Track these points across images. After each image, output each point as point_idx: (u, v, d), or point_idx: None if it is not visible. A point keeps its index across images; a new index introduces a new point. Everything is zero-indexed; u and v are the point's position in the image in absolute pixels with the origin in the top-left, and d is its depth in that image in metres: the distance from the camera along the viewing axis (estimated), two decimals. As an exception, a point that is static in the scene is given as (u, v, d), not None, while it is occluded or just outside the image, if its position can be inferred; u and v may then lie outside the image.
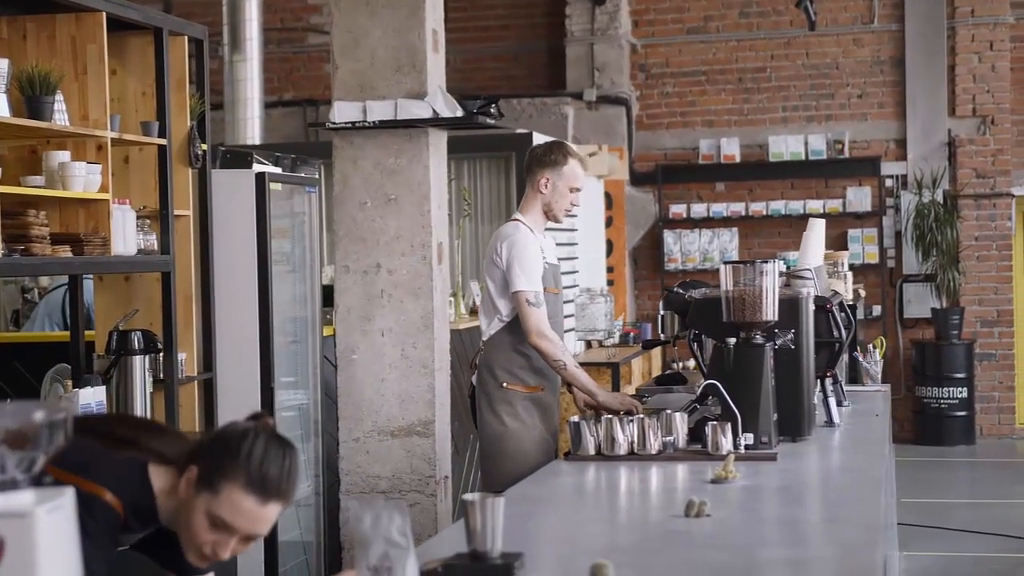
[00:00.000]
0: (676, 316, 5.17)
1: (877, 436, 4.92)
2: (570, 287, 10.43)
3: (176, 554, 2.88)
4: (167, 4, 13.37)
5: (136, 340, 5.64)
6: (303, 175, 7.23)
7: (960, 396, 12.44)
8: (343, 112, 5.62)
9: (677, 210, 13.12)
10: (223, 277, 6.34)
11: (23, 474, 1.80)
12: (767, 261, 4.52)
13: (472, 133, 8.67)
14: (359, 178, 5.66)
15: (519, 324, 5.33)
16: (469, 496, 2.77)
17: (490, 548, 2.77)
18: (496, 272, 5.31)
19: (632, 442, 4.32)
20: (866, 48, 13.01)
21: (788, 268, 5.60)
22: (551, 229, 5.73)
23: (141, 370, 5.62)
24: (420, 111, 5.57)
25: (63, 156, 5.21)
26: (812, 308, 4.81)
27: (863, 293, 9.71)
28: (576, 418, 4.44)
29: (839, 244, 12.47)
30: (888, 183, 12.94)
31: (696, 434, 4.40)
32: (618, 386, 9.03)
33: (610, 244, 12.58)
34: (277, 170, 6.92)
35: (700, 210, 13.06)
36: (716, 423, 4.30)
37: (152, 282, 5.91)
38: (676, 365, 10.50)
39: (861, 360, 6.57)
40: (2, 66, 4.92)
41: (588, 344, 10.51)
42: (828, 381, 5.17)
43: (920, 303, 12.79)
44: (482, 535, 2.76)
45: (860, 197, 12.82)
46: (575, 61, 13.25)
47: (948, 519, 9.27)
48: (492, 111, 5.81)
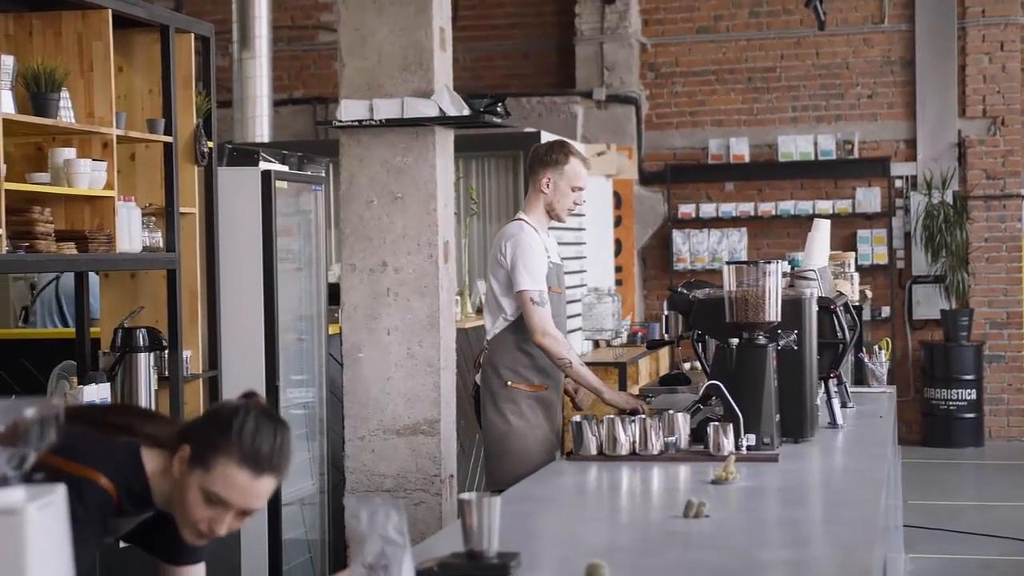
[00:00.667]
0: (680, 316, 5.16)
1: (880, 437, 4.91)
2: (578, 287, 10.43)
3: (168, 541, 2.91)
4: (177, 2, 13.40)
5: (141, 337, 5.65)
6: (309, 173, 7.24)
7: (969, 398, 12.41)
8: (350, 110, 5.63)
9: (686, 210, 13.11)
10: (229, 275, 6.35)
11: (14, 471, 1.80)
12: (770, 262, 4.51)
13: (480, 132, 8.67)
14: (366, 176, 5.66)
15: (523, 323, 5.34)
16: (466, 495, 2.78)
17: (486, 547, 2.77)
18: (500, 271, 5.33)
19: (634, 442, 4.32)
20: (876, 48, 12.99)
21: (793, 268, 5.58)
22: (555, 228, 5.74)
23: (146, 367, 5.63)
24: (427, 110, 5.57)
25: (68, 153, 5.22)
26: (815, 309, 4.80)
27: (869, 294, 9.68)
28: (578, 418, 4.44)
29: (848, 245, 12.45)
30: (898, 184, 12.92)
31: (699, 435, 4.40)
32: (625, 386, 9.03)
33: (619, 243, 12.58)
34: (284, 168, 6.93)
35: (709, 210, 13.05)
36: (718, 424, 4.29)
37: (158, 279, 5.92)
38: (685, 365, 10.50)
39: (866, 361, 6.56)
40: (8, 63, 4.93)
41: (596, 344, 10.51)
42: (832, 382, 5.16)
43: (929, 304, 12.77)
44: (479, 534, 2.76)
45: (869, 198, 12.80)
46: (585, 60, 13.25)
47: (955, 521, 9.25)
48: (499, 110, 5.81)
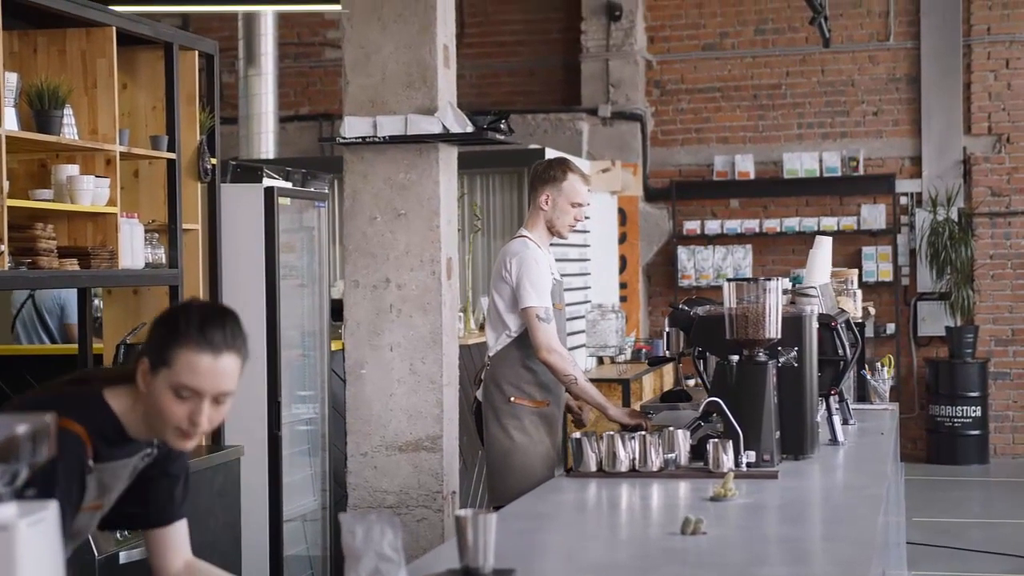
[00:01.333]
0: (681, 333, 5.16)
1: (881, 454, 4.91)
2: (582, 303, 10.44)
3: (147, 509, 2.98)
4: (184, 19, 13.44)
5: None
6: (313, 190, 7.26)
7: (974, 415, 12.40)
8: (354, 127, 5.64)
9: (691, 226, 13.12)
10: (231, 291, 6.36)
11: (5, 487, 1.81)
12: (770, 279, 4.52)
13: (485, 148, 8.69)
14: (369, 193, 5.67)
15: (526, 339, 5.36)
16: (462, 512, 2.78)
17: (482, 564, 2.77)
18: (505, 288, 5.35)
19: (633, 459, 4.32)
20: (881, 65, 13.01)
21: (795, 285, 5.59)
22: (560, 244, 5.76)
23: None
24: (430, 126, 5.58)
25: (72, 170, 5.24)
26: (816, 326, 4.80)
27: (872, 311, 9.68)
28: (578, 434, 4.44)
29: (853, 262, 12.44)
30: (903, 201, 12.92)
31: (699, 451, 4.40)
32: (628, 403, 9.04)
33: (624, 260, 12.59)
34: (287, 185, 6.95)
35: (714, 227, 13.06)
36: (718, 440, 4.29)
37: (160, 296, 5.93)
38: (690, 382, 10.49)
39: (869, 378, 6.56)
40: (12, 80, 4.95)
41: (600, 360, 10.51)
42: (833, 399, 5.16)
43: (934, 321, 12.76)
44: (474, 551, 2.77)
45: (875, 215, 12.80)
46: (590, 77, 13.28)
47: (960, 539, 9.23)
48: (502, 127, 5.82)
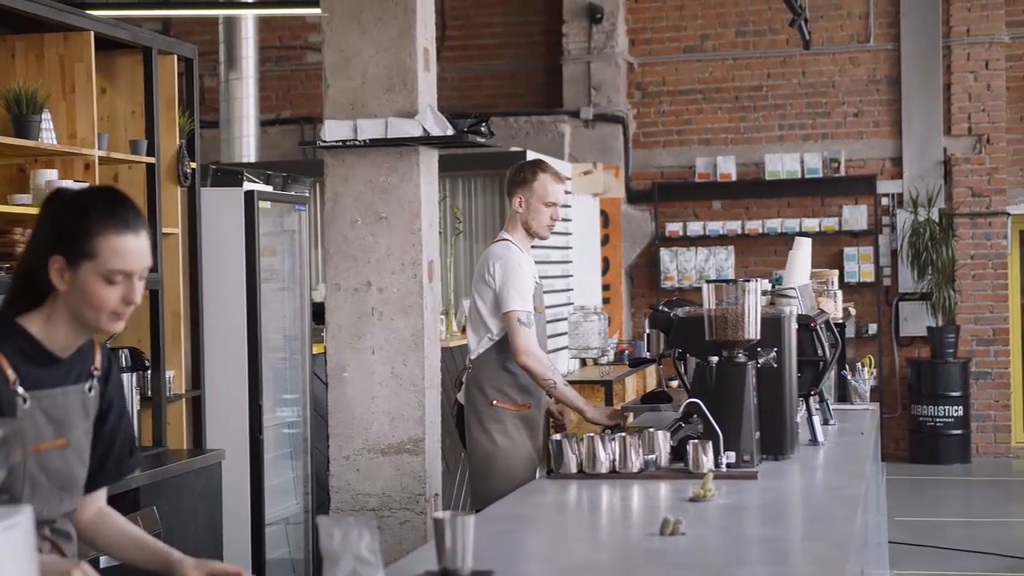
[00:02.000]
0: (662, 334, 5.17)
1: (860, 455, 4.92)
2: (564, 305, 10.44)
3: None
4: (165, 23, 13.42)
5: (124, 357, 5.65)
6: (293, 193, 7.25)
7: (956, 415, 12.44)
8: (334, 130, 5.63)
9: (673, 228, 13.14)
10: (212, 295, 6.36)
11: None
12: (749, 280, 4.53)
13: (467, 151, 8.68)
14: (350, 196, 5.67)
15: (508, 343, 5.37)
16: (440, 514, 2.78)
17: (460, 566, 2.78)
18: (487, 292, 5.38)
19: (614, 460, 4.32)
20: (862, 67, 13.05)
21: (775, 286, 5.60)
22: (542, 247, 5.77)
23: (129, 388, 5.63)
24: (410, 129, 5.58)
25: (51, 174, 5.23)
26: (795, 327, 4.82)
27: (853, 311, 9.71)
28: (558, 436, 4.45)
29: (835, 262, 12.49)
30: (884, 201, 12.97)
31: (679, 452, 4.41)
32: (611, 404, 9.04)
33: (606, 262, 12.60)
34: (268, 188, 6.94)
35: (696, 228, 13.08)
36: (698, 441, 4.30)
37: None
38: (673, 383, 10.50)
39: (849, 378, 6.58)
40: (-11, 85, 4.95)
41: (582, 362, 10.52)
42: (813, 399, 5.17)
43: (916, 321, 12.80)
44: (452, 553, 2.77)
45: (856, 215, 12.84)
46: (572, 79, 13.29)
47: (942, 538, 9.27)
48: (483, 130, 5.83)
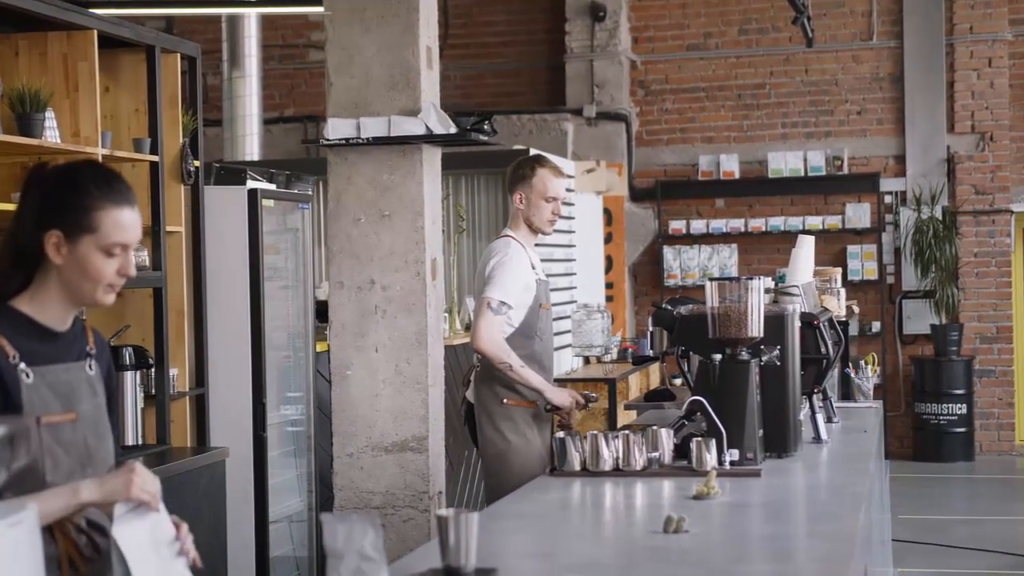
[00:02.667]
0: (665, 332, 5.17)
1: (864, 452, 4.93)
2: (568, 303, 10.44)
3: None
4: (168, 21, 13.43)
5: (128, 356, 5.66)
6: (296, 191, 7.26)
7: (959, 412, 12.43)
8: (337, 129, 5.64)
9: (676, 226, 13.14)
10: (215, 293, 6.37)
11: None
12: (752, 278, 4.53)
13: (470, 149, 8.69)
14: (353, 194, 5.67)
15: (515, 339, 5.39)
16: (443, 511, 2.79)
17: (464, 563, 2.78)
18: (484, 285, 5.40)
19: (617, 458, 4.33)
20: (865, 65, 13.04)
21: (778, 284, 5.60)
22: (545, 244, 5.77)
23: (132, 385, 5.64)
24: (413, 128, 5.58)
25: (54, 173, 5.23)
26: (798, 325, 4.82)
27: (856, 309, 9.70)
28: (561, 434, 4.45)
29: (838, 260, 12.49)
30: (887, 199, 12.96)
31: (683, 450, 4.41)
32: (615, 402, 9.03)
33: (610, 260, 12.60)
34: (271, 186, 6.94)
35: (699, 226, 13.08)
36: (701, 439, 4.30)
37: (144, 298, 5.93)
38: (676, 381, 10.49)
39: (853, 376, 6.58)
40: (-7, 83, 4.96)
41: (586, 360, 10.52)
42: (816, 397, 5.18)
43: (919, 319, 12.79)
44: (456, 550, 2.77)
45: (859, 213, 12.83)
46: (575, 77, 13.29)
47: (945, 536, 9.26)
48: (486, 128, 5.82)
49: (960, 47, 12.82)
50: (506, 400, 5.43)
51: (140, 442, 5.65)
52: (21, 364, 2.76)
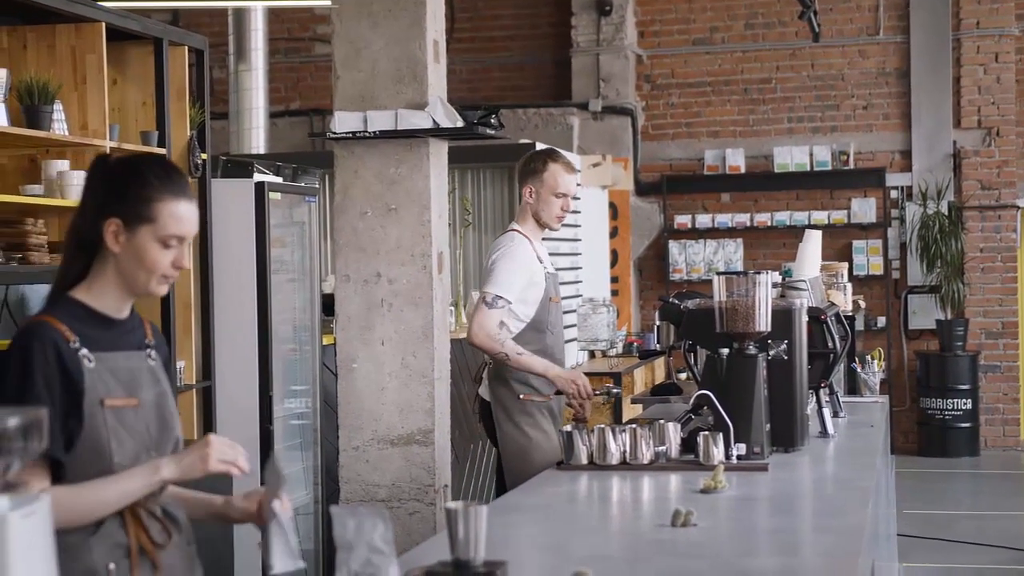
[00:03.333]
0: (672, 326, 5.17)
1: (871, 447, 4.92)
2: (573, 297, 10.44)
3: None
4: (174, 14, 13.43)
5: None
6: (303, 184, 7.26)
7: (964, 408, 12.43)
8: (344, 122, 5.63)
9: (682, 220, 13.14)
10: (222, 286, 6.37)
11: (-3, 479, 1.82)
12: (760, 272, 4.52)
13: (475, 143, 8.68)
14: (360, 188, 5.66)
15: (528, 334, 5.38)
16: (452, 504, 2.78)
17: (473, 556, 2.77)
18: None
19: (624, 451, 4.33)
20: (871, 59, 13.03)
21: (784, 279, 5.60)
22: (550, 239, 5.75)
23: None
24: (420, 121, 5.57)
25: (62, 165, 5.24)
26: (805, 319, 4.81)
27: (863, 304, 9.71)
28: (569, 427, 4.45)
29: (844, 255, 12.49)
30: (893, 194, 12.96)
31: (689, 444, 4.41)
32: (620, 397, 9.02)
33: (615, 254, 12.59)
34: (278, 180, 6.95)
35: (705, 220, 13.08)
36: (708, 433, 4.30)
37: (151, 291, 5.93)
38: (682, 375, 10.48)
39: (859, 371, 6.57)
40: (1, 75, 4.95)
41: (591, 354, 10.51)
42: (823, 392, 5.17)
43: (925, 314, 12.79)
44: (465, 543, 2.77)
45: (865, 208, 12.83)
46: (581, 72, 13.29)
47: (950, 531, 9.27)
48: (493, 122, 5.81)
49: (967, 42, 12.81)
50: (523, 396, 5.41)
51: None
52: (83, 350, 2.82)
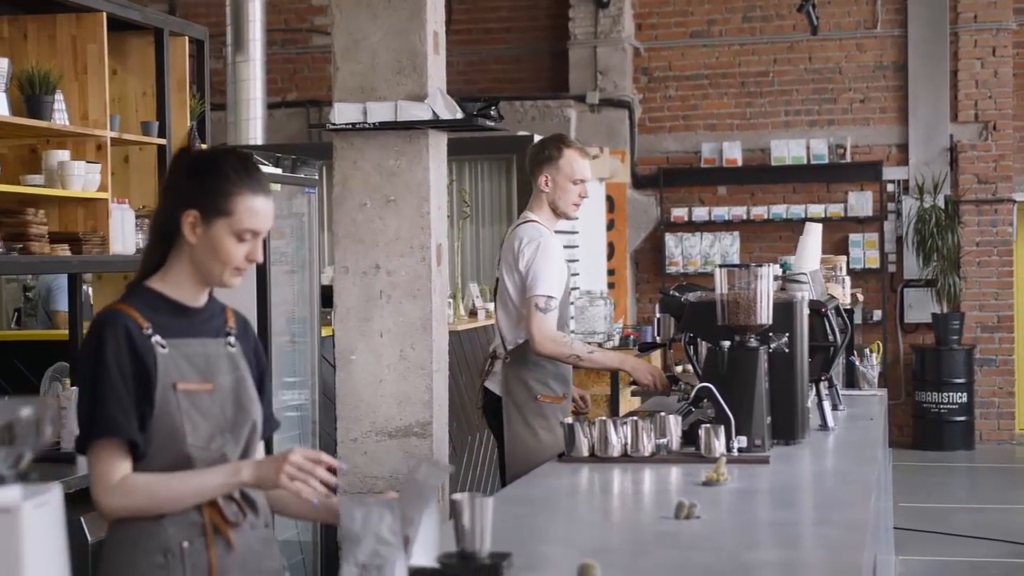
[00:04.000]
0: (672, 319, 5.17)
1: (871, 440, 4.93)
2: (571, 289, 10.44)
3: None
4: (171, 4, 13.41)
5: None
6: (302, 176, 7.25)
7: (960, 401, 12.45)
8: (344, 113, 5.62)
9: (679, 213, 13.14)
10: (222, 277, 6.35)
11: (9, 469, 1.82)
12: (762, 265, 4.52)
13: (473, 135, 8.68)
14: (359, 179, 5.66)
15: None
16: (458, 496, 2.78)
17: (479, 548, 2.78)
18: (517, 276, 5.27)
19: (625, 444, 4.33)
20: (869, 53, 13.04)
21: (784, 272, 5.60)
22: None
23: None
24: (420, 113, 5.56)
25: (63, 155, 5.24)
26: (807, 312, 4.82)
27: (861, 297, 9.73)
28: (570, 419, 4.45)
29: (840, 249, 12.49)
30: (890, 188, 12.97)
31: (690, 436, 4.41)
32: (617, 389, 9.03)
33: (611, 247, 12.60)
34: (277, 171, 6.93)
35: (702, 213, 13.08)
36: (709, 426, 4.31)
37: (151, 281, 5.92)
38: (678, 368, 10.48)
39: (858, 364, 6.58)
40: (2, 65, 4.94)
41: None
42: (823, 385, 5.18)
43: (921, 308, 12.81)
44: (471, 535, 2.77)
45: (862, 202, 12.84)
46: (578, 64, 13.28)
47: (946, 524, 9.28)
48: (492, 113, 5.80)
49: (964, 36, 12.82)
50: (540, 396, 5.28)
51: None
52: (156, 336, 2.90)
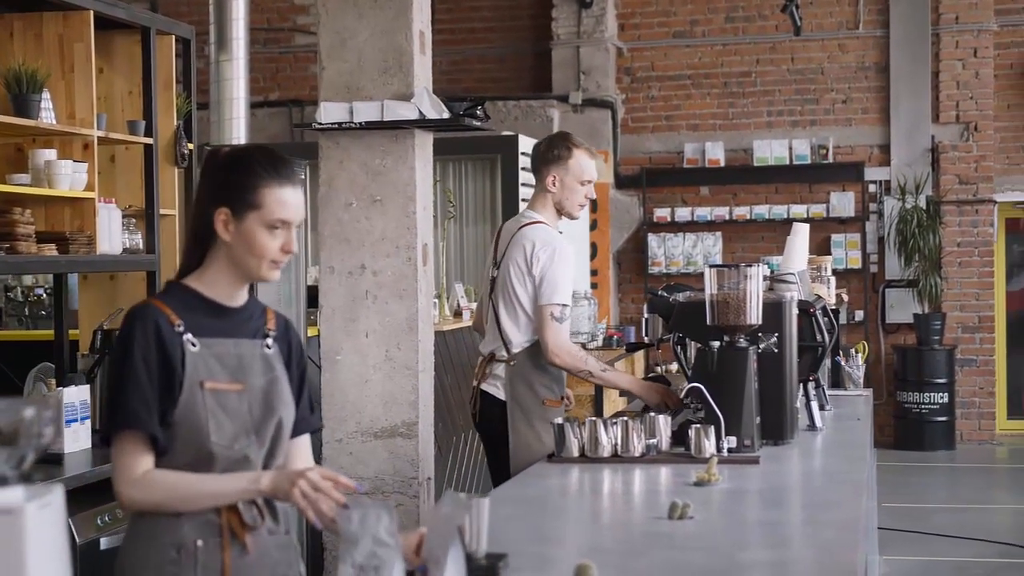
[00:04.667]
0: (660, 319, 5.17)
1: (859, 440, 4.95)
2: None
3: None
4: (153, 3, 13.36)
5: (121, 339, 5.62)
6: (289, 175, 7.23)
7: (941, 401, 12.49)
8: (330, 113, 5.61)
9: (661, 214, 13.16)
10: (208, 277, 6.33)
11: (12, 470, 1.81)
12: (751, 265, 4.53)
13: (458, 135, 8.67)
14: (345, 179, 5.65)
15: None
16: (456, 496, 2.77)
17: (475, 549, 2.78)
18: (529, 281, 5.14)
19: (616, 444, 4.33)
20: (851, 54, 13.07)
21: (771, 272, 5.61)
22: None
23: (125, 369, 5.60)
24: (406, 112, 5.55)
25: (49, 154, 5.21)
26: (795, 312, 4.83)
27: (846, 298, 9.76)
28: (560, 420, 4.45)
29: (823, 249, 12.52)
30: (872, 188, 13.00)
31: (680, 437, 4.42)
32: (602, 390, 9.02)
33: (594, 247, 12.61)
34: (263, 170, 6.91)
35: (684, 214, 13.10)
36: (699, 426, 4.31)
37: (137, 281, 5.91)
38: (659, 368, 10.50)
39: (843, 364, 6.60)
40: (-11, 64, 4.93)
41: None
42: (811, 385, 5.19)
43: (902, 308, 12.85)
44: (468, 535, 2.77)
45: (844, 202, 12.87)
46: (561, 64, 13.29)
47: (928, 524, 9.31)
48: (478, 113, 5.80)
49: (946, 37, 12.86)
50: (546, 401, 5.18)
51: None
52: (187, 334, 2.94)
